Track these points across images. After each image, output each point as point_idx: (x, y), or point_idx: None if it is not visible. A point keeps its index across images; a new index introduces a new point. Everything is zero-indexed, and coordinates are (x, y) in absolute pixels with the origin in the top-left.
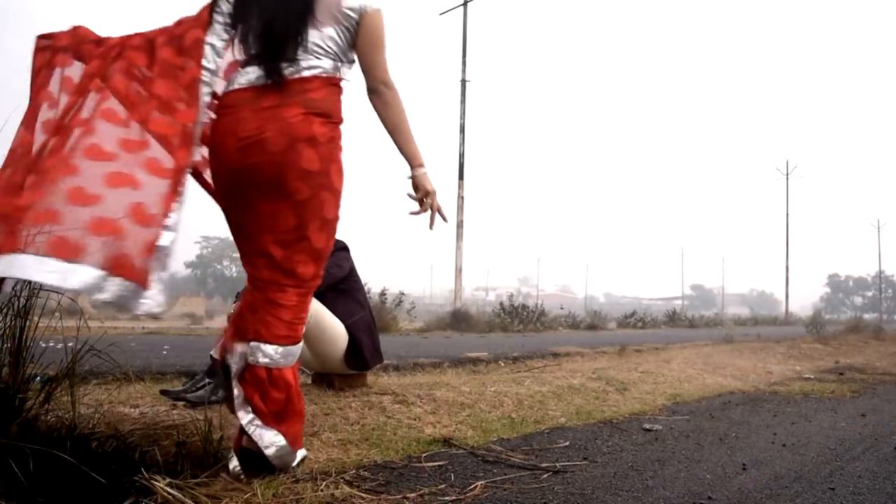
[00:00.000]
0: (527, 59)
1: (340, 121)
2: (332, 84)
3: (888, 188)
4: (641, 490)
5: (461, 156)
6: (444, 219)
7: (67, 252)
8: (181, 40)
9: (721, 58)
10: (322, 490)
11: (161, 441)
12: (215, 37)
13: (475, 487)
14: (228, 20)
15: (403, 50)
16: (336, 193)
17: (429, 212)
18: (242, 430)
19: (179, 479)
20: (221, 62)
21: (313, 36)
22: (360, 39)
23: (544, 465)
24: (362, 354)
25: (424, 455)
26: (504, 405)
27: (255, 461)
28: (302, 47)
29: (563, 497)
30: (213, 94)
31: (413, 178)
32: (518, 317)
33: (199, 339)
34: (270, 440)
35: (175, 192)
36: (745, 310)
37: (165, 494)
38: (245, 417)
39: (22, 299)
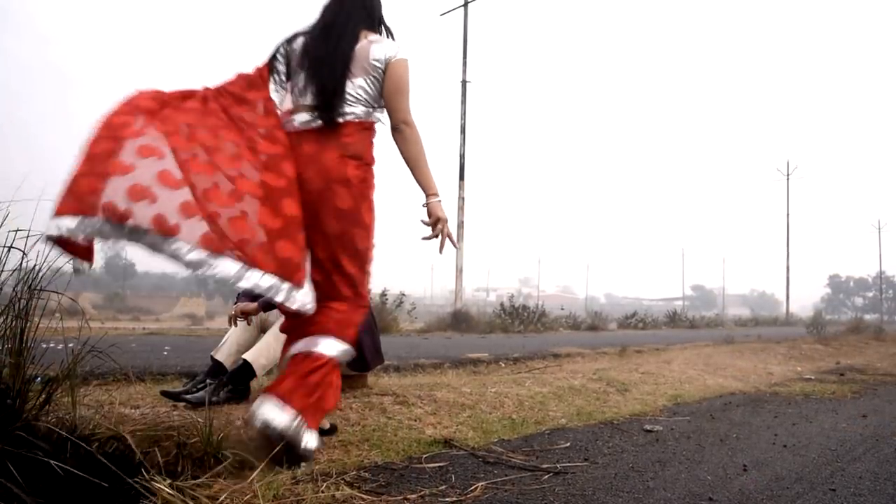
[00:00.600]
0: (528, 59)
1: (373, 162)
2: (365, 128)
3: (889, 189)
4: (642, 491)
5: (462, 156)
6: (455, 245)
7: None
8: (244, 97)
9: (722, 58)
10: (323, 491)
11: (162, 442)
12: (274, 89)
13: (476, 488)
14: (283, 77)
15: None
16: (367, 228)
17: (440, 237)
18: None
19: (180, 481)
20: (280, 110)
21: (347, 86)
22: (386, 85)
23: (545, 466)
24: (363, 355)
25: (425, 456)
26: (505, 406)
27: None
28: (338, 97)
29: (564, 498)
30: None
31: (427, 205)
32: (519, 317)
33: (199, 340)
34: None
35: None
36: (745, 310)
37: (166, 496)
38: (281, 418)
39: (22, 301)
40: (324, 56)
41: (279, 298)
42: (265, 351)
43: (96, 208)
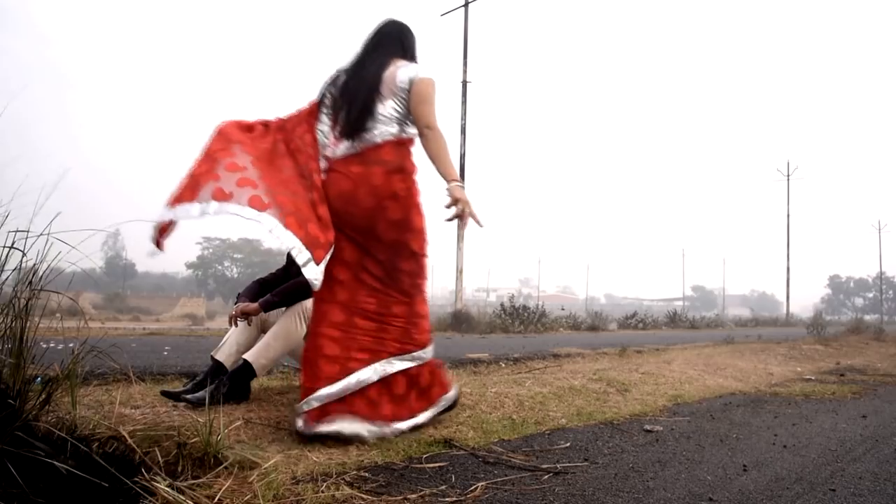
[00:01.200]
0: (528, 59)
1: (414, 170)
2: (402, 143)
3: (889, 189)
4: (642, 491)
5: (462, 157)
6: (479, 223)
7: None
8: (297, 131)
9: (722, 59)
10: (323, 491)
11: (162, 442)
12: (323, 123)
13: (476, 488)
14: (330, 111)
15: None
16: (418, 231)
17: (462, 217)
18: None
19: (180, 481)
20: (330, 138)
21: (380, 108)
22: (411, 99)
23: (545, 466)
24: None
25: (425, 456)
26: (505, 406)
27: None
28: (372, 119)
29: (564, 498)
30: (326, 160)
31: (448, 189)
32: (519, 318)
33: (199, 341)
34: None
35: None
36: (746, 311)
37: (166, 496)
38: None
39: (22, 300)
40: (355, 84)
41: (299, 261)
42: (265, 351)
43: (209, 193)
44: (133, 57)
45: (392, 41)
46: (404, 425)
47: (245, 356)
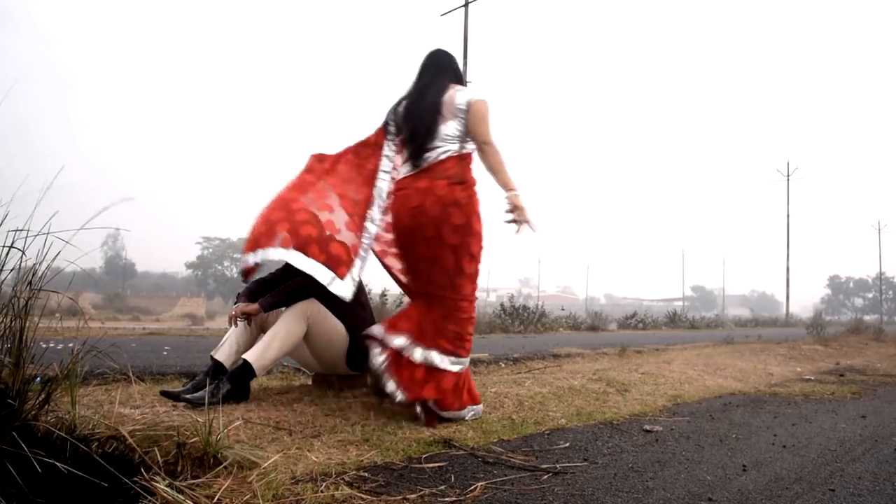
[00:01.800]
0: (528, 60)
1: (474, 182)
2: (462, 158)
3: (889, 189)
4: (642, 491)
5: None
6: (533, 228)
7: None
8: (365, 156)
9: (722, 59)
10: (322, 491)
11: (161, 442)
12: (388, 146)
13: (475, 489)
14: (394, 135)
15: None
16: (477, 235)
17: (519, 221)
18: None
19: (179, 480)
20: (397, 160)
21: (443, 129)
22: (468, 119)
23: (544, 466)
24: (363, 355)
25: (425, 456)
26: (504, 406)
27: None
28: (437, 138)
29: (564, 498)
30: (394, 181)
31: (507, 197)
32: (519, 318)
33: (199, 340)
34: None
35: (358, 225)
36: (745, 311)
37: (165, 495)
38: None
39: (22, 300)
40: (419, 108)
41: (324, 281)
42: (265, 351)
43: (284, 241)
44: (133, 57)
45: (446, 69)
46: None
47: (245, 356)
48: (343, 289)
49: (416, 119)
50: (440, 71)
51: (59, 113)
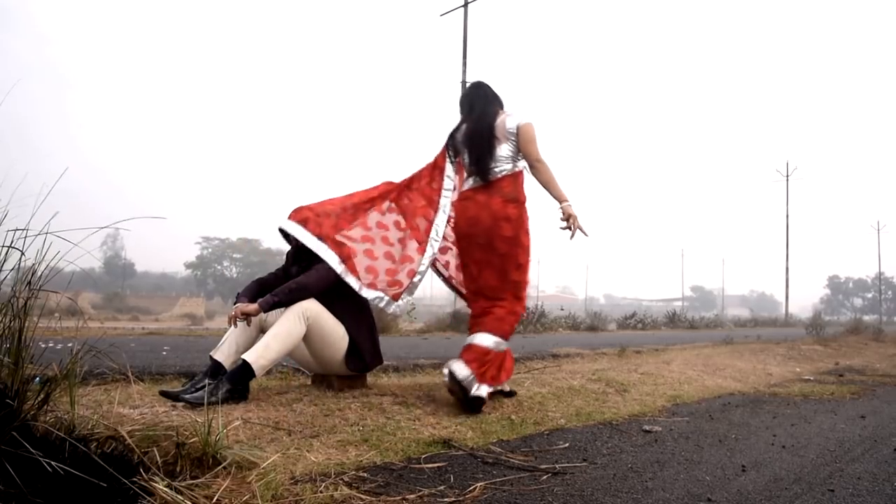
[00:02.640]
0: (527, 60)
1: (525, 200)
2: (516, 177)
3: (888, 190)
4: (641, 491)
5: None
6: (585, 234)
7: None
8: (431, 177)
9: (721, 59)
10: (321, 491)
11: (160, 442)
12: (449, 166)
13: (474, 489)
14: (454, 155)
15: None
16: (524, 248)
17: (573, 228)
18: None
19: (178, 481)
20: (455, 180)
21: (498, 151)
22: (519, 141)
23: (544, 466)
24: (362, 356)
25: (424, 456)
26: (504, 406)
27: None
28: (493, 160)
29: (563, 498)
30: (454, 195)
31: (561, 208)
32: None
33: (198, 340)
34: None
35: (421, 250)
36: (745, 311)
37: (164, 496)
38: (463, 371)
39: (21, 299)
40: (478, 134)
41: (381, 305)
42: (264, 351)
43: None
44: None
45: (493, 98)
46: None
47: (244, 356)
48: (395, 308)
49: (475, 143)
50: (489, 101)
51: (59, 113)
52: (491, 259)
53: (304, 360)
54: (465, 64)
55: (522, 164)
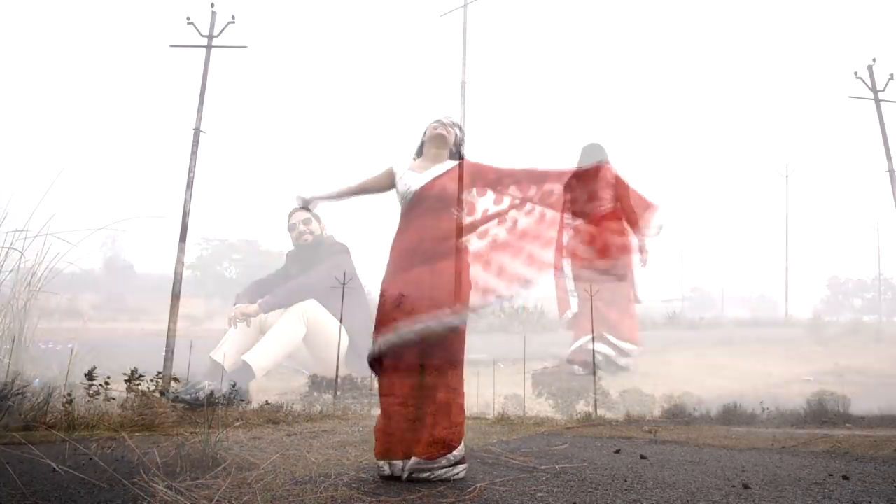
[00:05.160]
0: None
1: None
2: None
3: (888, 190)
4: (641, 492)
5: (461, 157)
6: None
7: None
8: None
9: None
10: (321, 492)
11: (160, 443)
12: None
13: (474, 489)
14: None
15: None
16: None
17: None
18: None
19: (178, 482)
20: None
21: None
22: None
23: (543, 466)
24: (362, 356)
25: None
26: (503, 407)
27: None
28: None
29: (563, 498)
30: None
31: None
32: (518, 318)
33: (199, 341)
34: None
35: None
36: (745, 312)
37: (164, 496)
38: None
39: (21, 301)
40: None
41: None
42: (264, 353)
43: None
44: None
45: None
46: None
47: (244, 357)
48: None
49: None
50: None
51: (59, 113)
52: None
53: (303, 360)
54: (464, 64)
55: None
